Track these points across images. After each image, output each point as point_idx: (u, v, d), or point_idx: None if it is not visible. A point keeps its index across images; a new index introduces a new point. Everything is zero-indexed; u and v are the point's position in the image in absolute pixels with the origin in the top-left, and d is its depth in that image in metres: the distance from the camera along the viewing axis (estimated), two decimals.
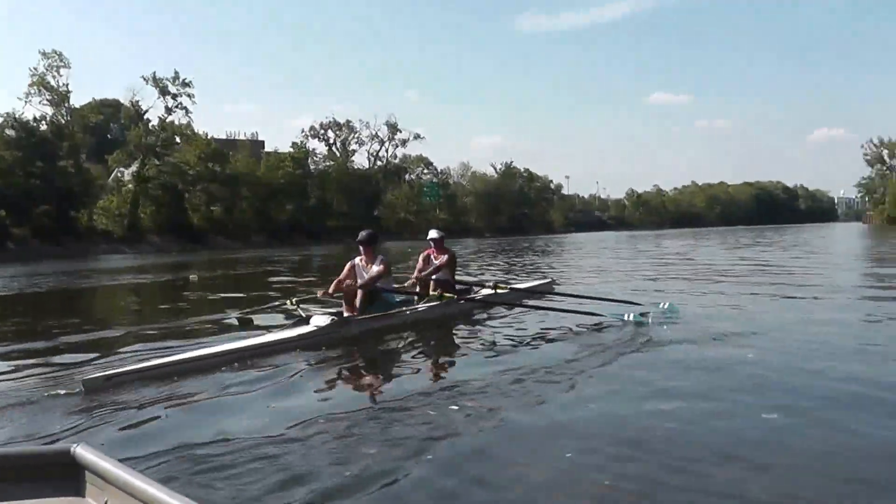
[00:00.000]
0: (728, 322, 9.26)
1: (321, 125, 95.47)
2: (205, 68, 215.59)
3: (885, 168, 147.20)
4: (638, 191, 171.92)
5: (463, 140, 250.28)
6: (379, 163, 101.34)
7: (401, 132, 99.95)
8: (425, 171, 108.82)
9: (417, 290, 10.60)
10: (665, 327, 8.91)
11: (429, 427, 4.90)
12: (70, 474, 1.73)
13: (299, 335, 8.30)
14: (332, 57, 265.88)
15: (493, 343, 8.58)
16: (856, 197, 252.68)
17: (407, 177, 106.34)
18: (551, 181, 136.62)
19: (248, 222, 74.33)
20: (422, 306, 10.14)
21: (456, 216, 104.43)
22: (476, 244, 62.32)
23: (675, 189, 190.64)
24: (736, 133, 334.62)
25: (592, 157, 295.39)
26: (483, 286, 11.96)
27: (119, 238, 61.21)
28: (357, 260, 9.75)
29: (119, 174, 70.85)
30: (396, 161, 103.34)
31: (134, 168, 68.83)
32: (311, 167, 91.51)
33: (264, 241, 69.90)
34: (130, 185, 67.43)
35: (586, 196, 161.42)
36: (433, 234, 11.37)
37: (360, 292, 9.23)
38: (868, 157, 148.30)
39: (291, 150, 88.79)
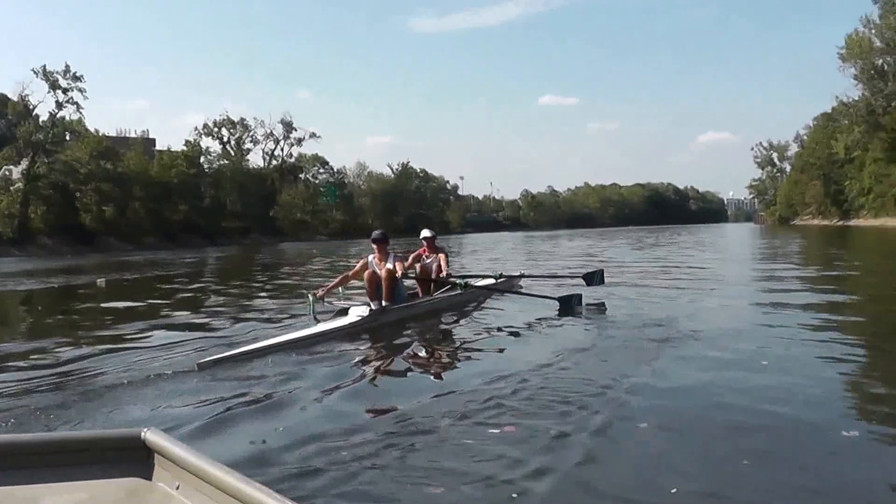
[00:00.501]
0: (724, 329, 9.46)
1: (215, 123, 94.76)
2: (90, 62, 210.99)
3: (775, 170, 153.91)
4: (532, 192, 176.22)
5: (355, 140, 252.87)
6: (274, 162, 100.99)
7: (296, 131, 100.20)
8: (321, 170, 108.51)
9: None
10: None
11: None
12: (141, 458, 1.79)
13: (350, 324, 9.31)
14: (221, 54, 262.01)
15: (498, 329, 9.78)
16: (745, 198, 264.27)
17: (303, 176, 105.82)
18: (447, 181, 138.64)
19: (142, 223, 73.09)
20: (442, 295, 11.35)
21: (353, 217, 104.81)
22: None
23: (569, 190, 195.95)
24: (626, 135, 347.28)
25: (486, 159, 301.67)
26: (485, 277, 13.14)
27: (8, 239, 59.82)
28: (371, 257, 10.72)
29: (7, 173, 69.05)
30: (292, 160, 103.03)
31: (23, 166, 67.13)
32: (206, 166, 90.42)
33: (158, 242, 68.97)
34: (20, 184, 65.85)
35: (480, 197, 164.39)
36: (426, 233, 12.02)
37: (385, 285, 10.12)
38: (758, 160, 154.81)
39: (185, 148, 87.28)
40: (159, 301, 16.27)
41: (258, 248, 64.44)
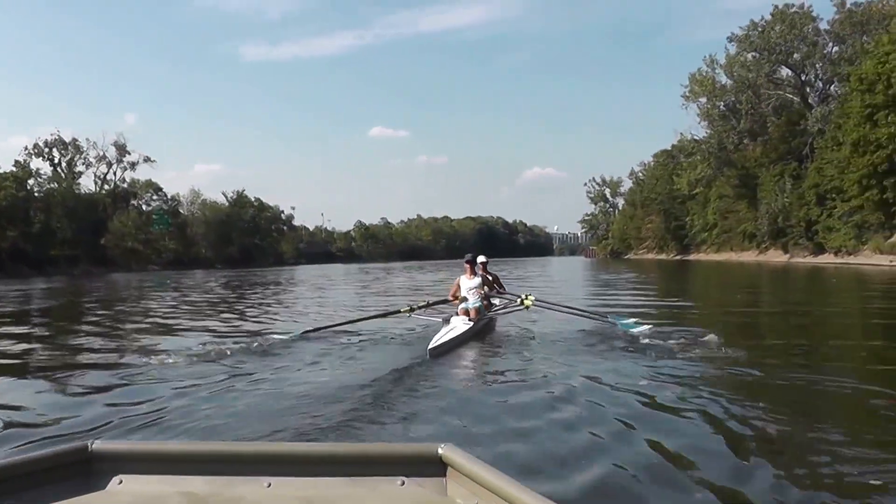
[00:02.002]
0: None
1: (46, 143, 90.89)
2: None
3: (607, 205, 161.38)
4: (366, 223, 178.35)
5: (184, 167, 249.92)
6: (107, 186, 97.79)
7: (130, 154, 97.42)
8: (154, 197, 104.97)
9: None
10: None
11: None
12: (437, 473, 1.81)
13: (466, 330, 11.63)
14: (43, 75, 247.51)
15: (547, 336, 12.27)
16: (568, 232, 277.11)
17: (135, 202, 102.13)
18: (282, 211, 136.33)
19: None
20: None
21: (186, 246, 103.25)
22: (207, 276, 61.62)
23: (402, 222, 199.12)
24: (455, 169, 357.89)
25: (317, 189, 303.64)
26: (517, 295, 14.85)
27: None
28: (462, 276, 13.45)
29: None
30: (125, 185, 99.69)
31: None
32: (35, 190, 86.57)
33: None
34: None
35: (312, 228, 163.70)
36: (482, 258, 14.49)
37: (475, 305, 12.87)
38: (591, 195, 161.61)
39: (14, 169, 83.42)
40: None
41: (89, 278, 62.50)
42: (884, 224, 52.29)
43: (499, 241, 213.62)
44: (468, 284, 13.30)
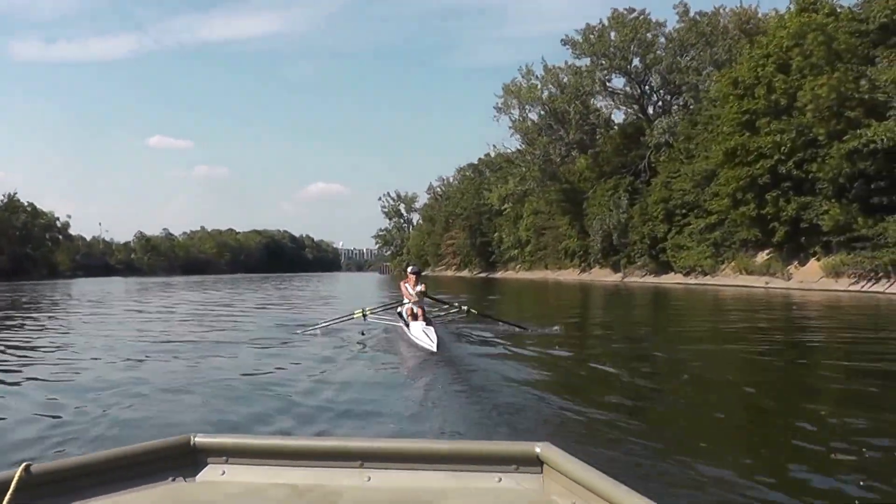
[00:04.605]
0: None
1: None
2: None
3: (402, 221, 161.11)
4: (147, 234, 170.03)
5: None
6: None
7: None
8: None
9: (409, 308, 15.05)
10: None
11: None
12: (534, 472, 1.87)
13: (435, 330, 13.05)
14: None
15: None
16: (354, 248, 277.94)
17: None
18: (57, 218, 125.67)
19: None
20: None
21: None
22: None
23: (185, 234, 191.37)
24: (236, 181, 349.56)
25: (95, 197, 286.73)
26: (454, 306, 17.63)
27: None
28: (407, 283, 15.14)
29: None
30: None
31: None
32: None
33: None
34: None
35: (89, 238, 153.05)
36: (413, 268, 16.23)
37: (421, 307, 14.39)
38: (386, 210, 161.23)
39: None
40: None
41: None
42: (757, 241, 47.23)
43: (286, 256, 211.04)
44: (414, 291, 14.91)
